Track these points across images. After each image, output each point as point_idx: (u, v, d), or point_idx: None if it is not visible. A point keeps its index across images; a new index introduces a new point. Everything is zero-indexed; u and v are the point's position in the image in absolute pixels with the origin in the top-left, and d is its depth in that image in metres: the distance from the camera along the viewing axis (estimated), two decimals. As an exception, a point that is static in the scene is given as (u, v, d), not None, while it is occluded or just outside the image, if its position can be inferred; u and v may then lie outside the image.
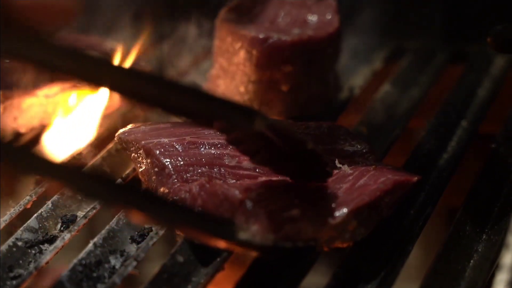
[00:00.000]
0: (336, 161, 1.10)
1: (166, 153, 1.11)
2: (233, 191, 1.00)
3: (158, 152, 1.12)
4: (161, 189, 1.09)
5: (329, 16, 1.34)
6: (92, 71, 0.89)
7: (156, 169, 1.11)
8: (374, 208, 1.03)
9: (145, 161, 1.13)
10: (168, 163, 1.10)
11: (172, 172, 1.09)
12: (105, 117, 1.31)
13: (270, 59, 1.30)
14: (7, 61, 1.28)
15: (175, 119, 1.34)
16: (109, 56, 1.40)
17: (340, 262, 1.03)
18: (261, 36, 1.29)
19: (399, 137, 1.29)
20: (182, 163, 1.10)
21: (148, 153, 1.13)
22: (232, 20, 1.34)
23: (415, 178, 1.07)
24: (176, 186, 1.07)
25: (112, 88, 0.93)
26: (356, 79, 1.45)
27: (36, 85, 1.30)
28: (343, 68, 1.43)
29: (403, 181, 1.06)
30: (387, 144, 1.26)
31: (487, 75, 1.45)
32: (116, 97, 1.31)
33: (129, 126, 1.20)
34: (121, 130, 1.19)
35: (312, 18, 1.34)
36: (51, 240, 1.09)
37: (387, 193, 1.03)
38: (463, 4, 1.55)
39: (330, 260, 1.09)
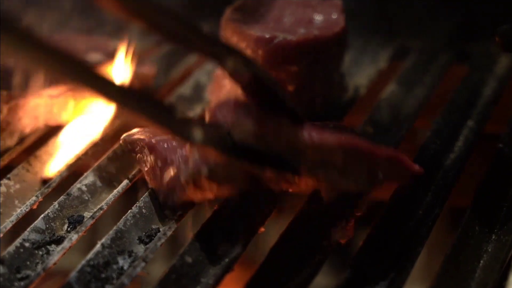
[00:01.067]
0: None
1: (169, 146, 1.11)
2: None
3: (161, 147, 1.12)
4: (166, 183, 1.09)
5: (334, 16, 1.34)
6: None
7: (159, 164, 1.11)
8: (364, 168, 1.01)
9: (149, 158, 1.13)
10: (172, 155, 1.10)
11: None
12: (111, 117, 1.30)
13: (275, 59, 1.29)
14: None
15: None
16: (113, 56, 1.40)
17: (349, 263, 1.03)
18: (266, 35, 1.28)
19: (405, 137, 1.28)
20: (185, 154, 1.10)
21: (152, 149, 1.13)
22: (237, 19, 1.33)
23: (417, 167, 1.06)
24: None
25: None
26: (361, 78, 1.44)
27: (41, 85, 1.29)
28: (348, 67, 1.43)
29: (402, 160, 1.05)
30: (394, 144, 1.26)
31: (492, 75, 1.45)
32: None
33: (134, 130, 1.20)
34: (126, 134, 1.19)
35: (318, 17, 1.34)
36: (58, 241, 1.09)
37: (381, 158, 1.02)
38: (467, 4, 1.55)
39: (339, 261, 1.08)
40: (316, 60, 1.31)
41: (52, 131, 1.30)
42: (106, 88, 0.93)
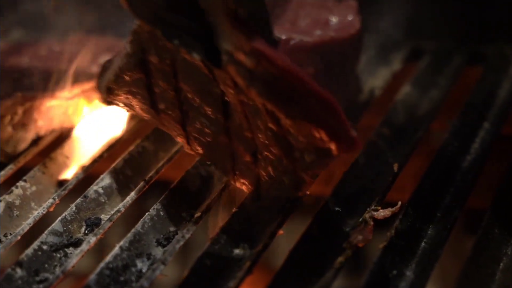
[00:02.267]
0: None
1: None
2: None
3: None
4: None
5: (350, 17, 1.33)
6: None
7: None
8: (289, 93, 0.94)
9: None
10: None
11: None
12: (127, 119, 1.30)
13: (291, 60, 1.29)
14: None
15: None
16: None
17: (370, 266, 1.03)
18: (282, 37, 1.28)
19: (422, 138, 1.28)
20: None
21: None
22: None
23: (353, 132, 0.95)
24: None
25: None
26: (376, 80, 1.44)
27: (56, 87, 1.29)
28: (363, 69, 1.43)
29: (335, 110, 0.94)
30: (411, 146, 1.25)
31: (507, 76, 1.44)
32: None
33: None
34: None
35: (334, 19, 1.33)
36: (76, 243, 1.09)
37: (311, 92, 0.93)
38: (481, 5, 1.54)
39: (358, 264, 1.08)
40: (332, 61, 1.30)
41: (67, 133, 1.30)
42: None
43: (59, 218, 1.11)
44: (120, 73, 1.08)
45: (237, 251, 1.05)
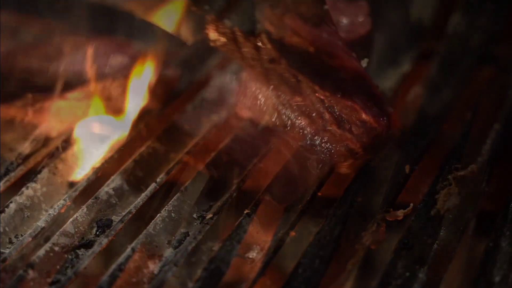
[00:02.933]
0: None
1: None
2: None
3: None
4: None
5: (361, 18, 1.33)
6: None
7: None
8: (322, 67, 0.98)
9: None
10: None
11: None
12: (136, 119, 1.30)
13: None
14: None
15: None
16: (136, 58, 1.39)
17: (382, 268, 1.02)
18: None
19: (433, 140, 1.28)
20: None
21: None
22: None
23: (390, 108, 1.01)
24: None
25: None
26: (386, 81, 1.43)
27: (66, 88, 1.29)
28: (373, 70, 1.42)
29: (369, 82, 1.01)
30: (422, 147, 1.25)
31: (517, 77, 1.44)
32: (149, 99, 1.31)
33: None
34: None
35: (344, 20, 1.33)
36: (87, 244, 1.09)
37: (346, 67, 0.97)
38: (491, 6, 1.54)
39: (371, 266, 1.08)
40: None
41: (78, 134, 1.30)
42: None
43: (70, 219, 1.11)
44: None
45: (249, 253, 1.05)
